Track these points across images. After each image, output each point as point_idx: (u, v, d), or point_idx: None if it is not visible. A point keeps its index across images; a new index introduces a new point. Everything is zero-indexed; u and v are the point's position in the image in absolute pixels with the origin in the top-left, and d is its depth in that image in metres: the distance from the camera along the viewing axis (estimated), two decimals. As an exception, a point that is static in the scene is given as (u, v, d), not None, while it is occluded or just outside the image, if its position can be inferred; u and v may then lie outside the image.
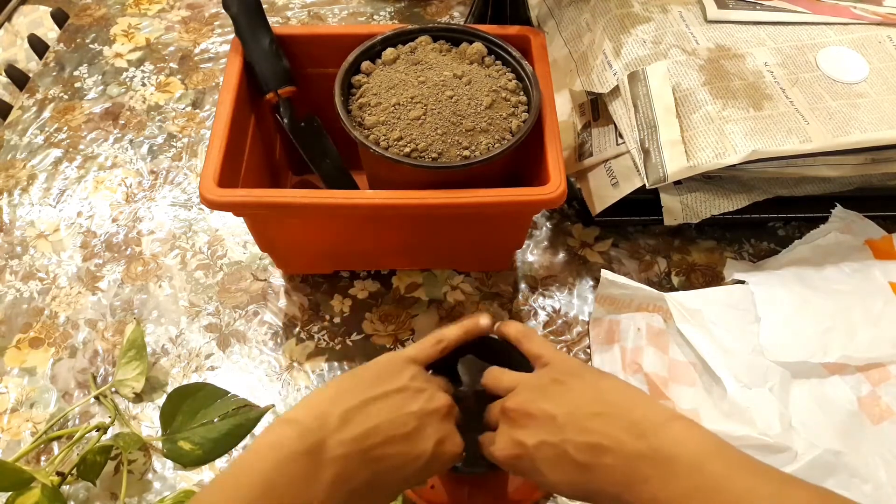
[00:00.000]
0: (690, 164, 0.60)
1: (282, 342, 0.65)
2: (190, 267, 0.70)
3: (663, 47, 0.67)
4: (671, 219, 0.65)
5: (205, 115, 0.83)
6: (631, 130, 0.64)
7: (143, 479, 0.57)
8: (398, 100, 0.57)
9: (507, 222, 0.62)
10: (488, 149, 0.56)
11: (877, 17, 0.70)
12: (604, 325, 0.64)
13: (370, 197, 0.55)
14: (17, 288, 0.69)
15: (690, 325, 0.59)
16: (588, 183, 0.69)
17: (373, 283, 0.69)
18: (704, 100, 0.63)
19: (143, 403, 0.62)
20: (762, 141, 0.60)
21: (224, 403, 0.58)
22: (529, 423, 0.43)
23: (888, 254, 0.65)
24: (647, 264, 0.70)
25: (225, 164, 0.56)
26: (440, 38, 0.62)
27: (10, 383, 0.63)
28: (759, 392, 0.56)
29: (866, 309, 0.60)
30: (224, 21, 0.94)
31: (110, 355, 0.64)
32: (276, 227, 0.62)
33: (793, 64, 0.66)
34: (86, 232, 0.73)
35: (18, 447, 0.59)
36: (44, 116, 0.83)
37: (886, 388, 0.56)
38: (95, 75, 0.88)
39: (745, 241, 0.71)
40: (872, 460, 0.54)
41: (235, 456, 0.58)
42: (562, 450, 0.40)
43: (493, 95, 0.58)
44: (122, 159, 0.79)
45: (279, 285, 0.69)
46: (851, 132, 0.60)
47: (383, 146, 0.56)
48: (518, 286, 0.69)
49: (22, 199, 0.76)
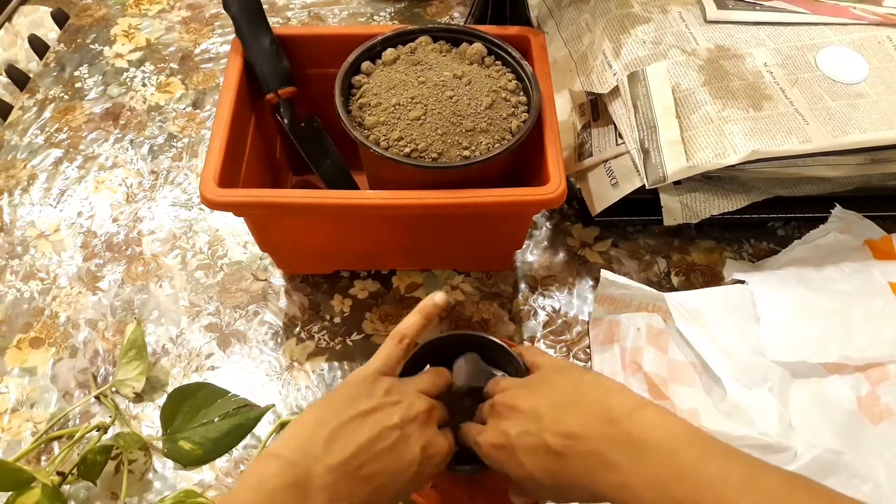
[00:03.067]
0: (690, 165, 0.60)
1: (282, 342, 0.65)
2: (190, 267, 0.70)
3: (663, 48, 0.67)
4: (671, 219, 0.65)
5: (205, 116, 0.83)
6: (631, 130, 0.64)
7: (143, 479, 0.58)
8: (398, 100, 0.57)
9: (507, 222, 0.62)
10: (488, 149, 0.56)
11: (876, 18, 0.70)
12: (603, 325, 0.64)
13: (370, 197, 0.55)
14: (18, 288, 0.69)
15: (690, 325, 0.59)
16: (588, 183, 0.69)
17: (373, 283, 0.69)
18: (704, 100, 0.63)
19: (143, 403, 0.62)
20: (762, 141, 0.60)
21: (224, 403, 0.58)
22: (513, 414, 0.45)
23: (888, 254, 0.65)
24: (646, 264, 0.70)
25: (225, 165, 0.56)
26: (440, 38, 0.62)
27: (11, 383, 0.63)
28: (759, 392, 0.56)
29: (866, 309, 0.60)
30: (224, 21, 0.94)
31: (111, 355, 0.65)
32: (277, 227, 0.62)
33: (792, 64, 0.66)
34: (86, 232, 0.73)
35: (19, 447, 0.59)
36: (44, 116, 0.84)
37: (886, 387, 0.56)
38: (96, 75, 0.88)
39: (745, 241, 0.72)
40: (872, 460, 0.54)
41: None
42: (540, 438, 0.42)
43: (493, 96, 0.58)
44: (123, 159, 0.79)
45: (279, 285, 0.69)
46: (851, 132, 0.60)
47: (383, 146, 0.56)
48: (518, 286, 0.69)
49: (22, 199, 0.76)
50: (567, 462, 0.40)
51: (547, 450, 0.41)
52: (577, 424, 0.41)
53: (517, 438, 0.43)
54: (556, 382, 0.45)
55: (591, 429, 0.40)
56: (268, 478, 0.39)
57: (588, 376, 0.45)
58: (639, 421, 0.39)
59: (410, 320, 0.50)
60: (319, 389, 0.62)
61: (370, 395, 0.45)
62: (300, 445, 0.41)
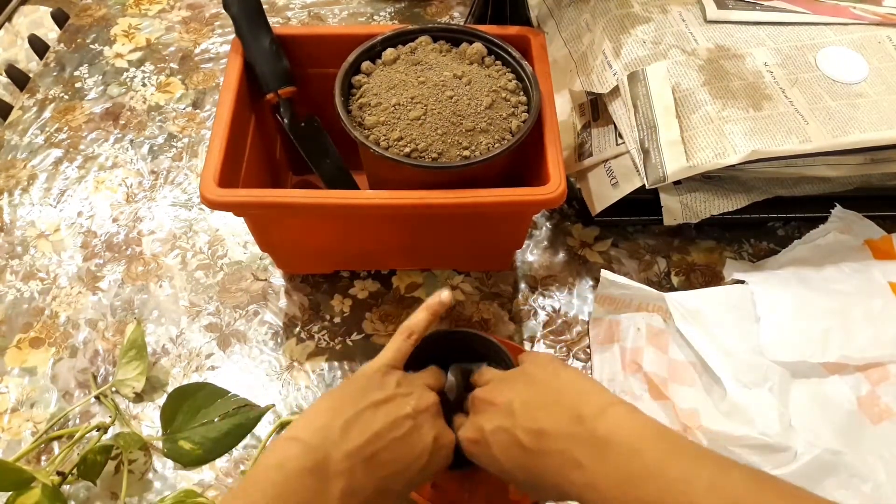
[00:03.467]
0: (690, 165, 0.60)
1: (282, 342, 0.65)
2: (190, 267, 0.70)
3: (663, 47, 0.67)
4: (671, 219, 0.65)
5: (205, 116, 0.83)
6: (631, 130, 0.64)
7: (143, 479, 0.58)
8: (398, 100, 0.57)
9: (507, 222, 0.62)
10: (488, 149, 0.56)
11: (876, 18, 0.70)
12: (603, 325, 0.64)
13: (370, 197, 0.55)
14: (18, 288, 0.69)
15: (690, 325, 0.59)
16: (588, 183, 0.69)
17: (373, 283, 0.69)
18: (704, 100, 0.63)
19: (143, 403, 0.62)
20: (762, 141, 0.60)
21: (224, 403, 0.59)
22: (489, 409, 0.45)
23: (888, 254, 0.65)
24: (646, 264, 0.70)
25: (225, 164, 0.56)
26: (440, 38, 0.62)
27: (11, 383, 0.63)
28: (759, 392, 0.56)
29: (866, 309, 0.60)
30: (224, 21, 0.94)
31: (111, 355, 0.65)
32: (277, 227, 0.62)
33: (792, 64, 0.66)
34: (86, 232, 0.73)
35: (19, 447, 0.59)
36: (44, 116, 0.84)
37: (886, 387, 0.56)
38: (96, 75, 0.88)
39: (745, 241, 0.72)
40: (872, 460, 0.54)
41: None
42: (513, 435, 0.42)
43: (493, 95, 0.58)
44: (123, 159, 0.79)
45: (279, 285, 0.69)
46: (851, 132, 0.60)
47: (383, 146, 0.56)
48: (518, 286, 0.69)
49: (22, 199, 0.76)
50: (537, 459, 0.41)
51: (519, 447, 0.41)
52: (549, 422, 0.41)
53: (491, 434, 0.43)
54: (534, 378, 0.45)
55: (560, 427, 0.40)
56: (289, 459, 0.39)
57: (566, 373, 0.44)
58: (605, 420, 0.39)
59: (419, 316, 0.51)
60: (319, 389, 0.62)
61: (382, 386, 0.45)
62: (318, 430, 0.41)
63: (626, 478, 0.36)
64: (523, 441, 0.41)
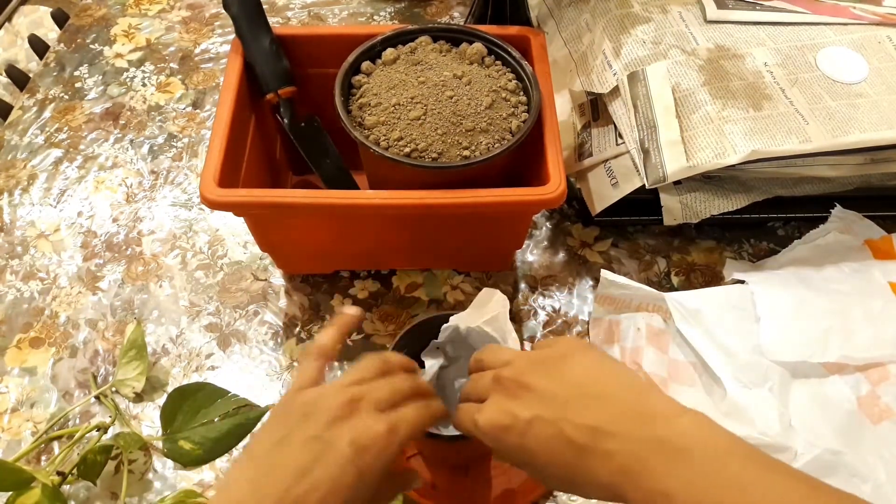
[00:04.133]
0: (690, 165, 0.60)
1: (282, 342, 0.65)
2: (190, 267, 0.70)
3: (663, 47, 0.67)
4: (671, 219, 0.65)
5: (205, 116, 0.83)
6: (631, 130, 0.64)
7: (143, 479, 0.58)
8: (398, 100, 0.57)
9: (507, 222, 0.62)
10: (488, 149, 0.56)
11: (876, 18, 0.70)
12: (603, 325, 0.64)
13: (370, 197, 0.55)
14: (18, 288, 0.69)
15: (690, 325, 0.59)
16: (588, 183, 0.69)
17: (373, 283, 0.69)
18: (704, 100, 0.63)
19: (143, 403, 0.62)
20: (762, 141, 0.60)
21: (224, 403, 0.59)
22: (525, 395, 0.40)
23: (888, 254, 0.65)
24: (646, 264, 0.70)
25: (225, 164, 0.56)
26: (440, 38, 0.62)
27: (11, 383, 0.63)
28: (759, 392, 0.56)
29: (866, 309, 0.60)
30: (224, 21, 0.94)
31: (111, 355, 0.65)
32: (277, 227, 0.62)
33: (792, 64, 0.66)
34: (86, 232, 0.73)
35: (19, 447, 0.59)
36: (44, 116, 0.84)
37: (886, 387, 0.56)
38: (96, 75, 0.88)
39: (745, 240, 0.72)
40: (872, 460, 0.54)
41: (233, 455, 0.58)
42: (558, 428, 0.38)
43: (493, 96, 0.58)
44: (123, 159, 0.79)
45: (279, 285, 0.69)
46: (851, 132, 0.60)
47: (383, 146, 0.56)
48: (518, 286, 0.69)
49: (22, 199, 0.76)
50: (588, 460, 0.37)
51: (566, 443, 0.38)
52: (605, 420, 0.37)
53: (529, 424, 0.39)
54: (577, 365, 0.41)
55: (622, 428, 0.37)
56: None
57: (609, 364, 0.41)
58: (681, 426, 0.36)
59: (327, 335, 0.47)
60: (319, 389, 0.62)
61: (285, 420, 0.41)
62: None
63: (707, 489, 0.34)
64: (573, 437, 0.37)
